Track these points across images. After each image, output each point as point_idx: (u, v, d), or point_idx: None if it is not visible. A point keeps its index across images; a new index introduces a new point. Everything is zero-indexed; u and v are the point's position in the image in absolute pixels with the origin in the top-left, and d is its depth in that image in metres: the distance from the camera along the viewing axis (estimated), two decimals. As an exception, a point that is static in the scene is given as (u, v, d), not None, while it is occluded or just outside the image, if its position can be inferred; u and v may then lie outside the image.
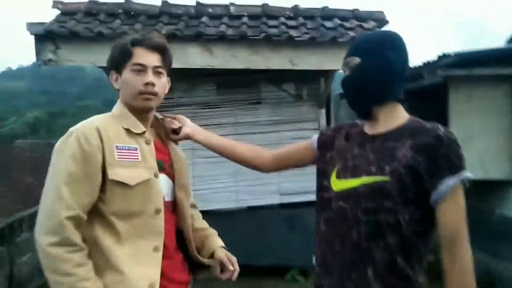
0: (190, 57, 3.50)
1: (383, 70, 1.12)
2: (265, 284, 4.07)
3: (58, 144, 1.16)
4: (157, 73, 1.26)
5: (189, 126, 1.44)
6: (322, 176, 1.22)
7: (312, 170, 1.30)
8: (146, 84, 1.22)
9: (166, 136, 1.39)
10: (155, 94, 1.25)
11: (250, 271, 3.56)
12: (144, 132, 1.25)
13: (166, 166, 1.30)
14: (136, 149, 1.20)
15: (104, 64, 3.40)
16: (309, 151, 1.35)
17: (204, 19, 3.79)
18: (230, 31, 3.59)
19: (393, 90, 1.15)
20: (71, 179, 1.10)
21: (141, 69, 1.23)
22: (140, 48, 1.24)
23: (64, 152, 1.12)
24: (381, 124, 1.16)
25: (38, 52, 3.23)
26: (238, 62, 3.60)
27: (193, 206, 1.50)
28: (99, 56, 3.33)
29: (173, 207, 1.31)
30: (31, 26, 3.32)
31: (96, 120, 1.20)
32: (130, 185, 1.14)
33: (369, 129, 1.19)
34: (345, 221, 1.09)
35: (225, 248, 1.43)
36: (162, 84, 1.29)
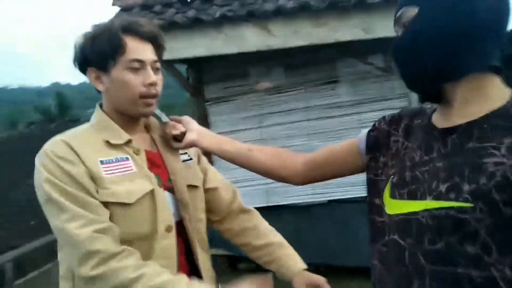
0: (245, 39, 3.15)
1: (459, 22, 0.73)
2: (350, 286, 3.61)
3: (35, 182, 0.94)
4: (155, 70, 1.02)
5: (194, 131, 1.11)
6: (373, 191, 0.89)
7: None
8: (150, 84, 0.98)
9: (166, 143, 1.11)
10: (157, 96, 1.02)
11: (332, 271, 3.17)
12: (129, 141, 1.00)
13: (163, 180, 1.03)
14: (127, 159, 0.98)
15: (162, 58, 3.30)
16: (355, 153, 0.98)
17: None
18: (289, 4, 3.13)
19: (480, 54, 0.73)
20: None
21: (140, 66, 0.97)
22: (132, 38, 0.97)
23: (44, 186, 0.90)
24: (459, 111, 0.76)
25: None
26: (300, 38, 3.13)
27: (244, 211, 1.22)
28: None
29: (180, 229, 1.05)
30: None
31: (63, 135, 0.96)
32: (129, 203, 0.92)
33: (440, 119, 0.80)
34: (402, 264, 0.74)
35: (308, 270, 1.15)
36: (161, 82, 1.04)
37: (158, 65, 1.03)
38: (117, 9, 3.68)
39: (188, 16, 3.20)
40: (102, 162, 0.94)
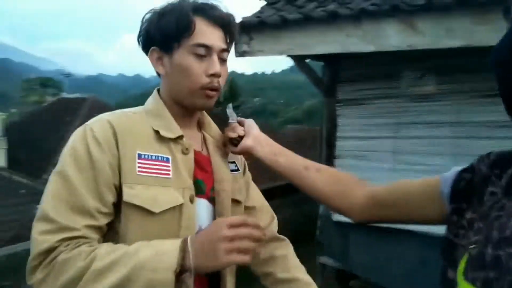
0: (385, 37, 2.78)
1: None
2: None
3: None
4: (221, 60, 0.91)
5: (252, 136, 0.99)
6: (449, 257, 0.67)
7: None
8: (212, 75, 0.88)
9: (223, 145, 1.02)
10: (219, 89, 0.90)
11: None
12: (180, 137, 0.89)
13: (207, 188, 0.93)
14: (167, 160, 0.86)
15: (292, 53, 3.23)
16: (435, 198, 0.76)
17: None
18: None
19: None
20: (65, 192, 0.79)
21: (205, 53, 0.87)
22: (202, 20, 0.88)
23: (65, 157, 0.82)
24: None
25: (235, 44, 3.36)
26: (454, 38, 2.59)
27: (276, 238, 1.09)
28: (286, 45, 3.14)
29: None
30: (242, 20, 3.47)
31: (112, 114, 0.88)
32: (154, 212, 0.81)
33: None
34: None
35: None
36: (227, 74, 0.93)
37: (226, 55, 0.92)
38: (263, 3, 3.75)
39: (326, 10, 3.02)
40: (140, 156, 0.83)
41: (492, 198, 0.63)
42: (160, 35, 0.88)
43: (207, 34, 0.88)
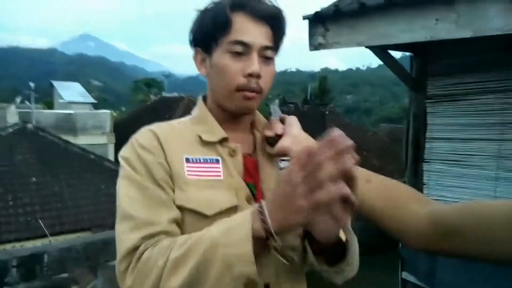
0: (486, 19, 2.32)
1: None
2: None
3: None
4: (264, 58, 0.84)
5: (291, 136, 0.89)
6: None
7: None
8: (249, 75, 0.82)
9: (266, 147, 0.93)
10: (259, 91, 0.84)
11: None
12: (224, 140, 0.86)
13: (258, 192, 0.87)
14: (217, 161, 0.84)
15: (373, 44, 2.93)
16: None
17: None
18: None
19: None
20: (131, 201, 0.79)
21: (243, 50, 0.82)
22: (243, 15, 0.83)
23: (122, 167, 0.83)
24: None
25: (310, 37, 3.16)
26: None
27: None
28: (365, 35, 2.84)
29: None
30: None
31: (156, 124, 0.88)
32: (207, 215, 0.78)
33: None
34: None
35: None
36: (271, 75, 0.86)
37: (270, 53, 0.84)
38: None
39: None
40: (187, 160, 0.82)
41: None
42: (200, 34, 0.86)
43: (246, 30, 0.82)
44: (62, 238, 6.87)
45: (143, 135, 0.84)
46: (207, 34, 0.84)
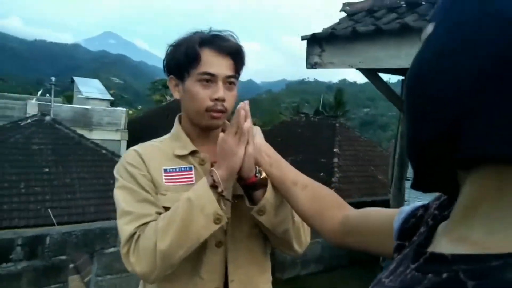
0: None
1: (480, 50, 0.35)
2: None
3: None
4: (228, 84, 1.04)
5: (253, 145, 1.02)
6: None
7: None
8: (216, 99, 1.02)
9: None
10: (224, 111, 1.05)
11: None
12: (194, 152, 1.07)
13: None
14: (190, 169, 1.06)
15: (363, 66, 3.14)
16: (387, 231, 0.72)
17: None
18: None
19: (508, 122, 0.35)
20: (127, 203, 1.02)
21: (211, 79, 1.02)
22: (209, 50, 1.02)
23: (117, 181, 1.06)
24: (475, 232, 0.39)
25: (307, 56, 3.38)
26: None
27: None
28: (356, 58, 3.05)
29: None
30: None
31: (139, 145, 1.11)
32: None
33: (441, 236, 0.46)
34: None
35: None
36: (233, 98, 1.06)
37: (233, 80, 1.04)
38: (343, 14, 3.68)
39: (401, 23, 2.84)
40: (166, 170, 1.04)
41: (417, 239, 0.56)
42: (174, 65, 1.05)
43: (213, 63, 1.01)
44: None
45: (129, 155, 1.06)
46: (180, 66, 1.03)
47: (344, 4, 3.67)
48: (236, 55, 1.03)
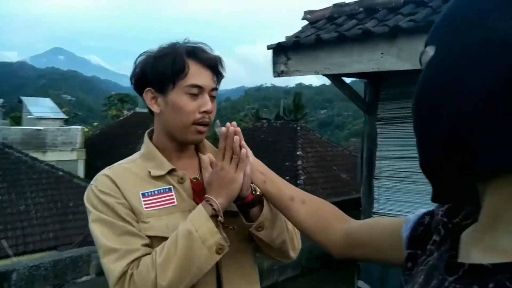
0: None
1: (488, 70, 0.39)
2: None
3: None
4: (211, 97, 1.01)
5: (249, 164, 1.01)
6: None
7: None
8: (204, 112, 0.98)
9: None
10: (209, 124, 1.01)
11: None
12: (172, 170, 1.00)
13: None
14: (170, 190, 0.99)
15: (328, 72, 3.20)
16: (396, 241, 0.72)
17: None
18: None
19: None
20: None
21: (198, 92, 0.98)
22: (195, 63, 0.98)
23: (90, 212, 0.96)
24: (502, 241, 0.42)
25: (273, 65, 3.41)
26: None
27: None
28: (322, 65, 3.11)
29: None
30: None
31: (109, 169, 1.01)
32: (168, 237, 0.92)
33: (469, 242, 0.48)
34: None
35: None
36: (215, 110, 1.03)
37: (215, 93, 1.01)
38: (305, 22, 3.76)
39: (363, 28, 2.94)
40: (144, 194, 0.96)
41: (431, 248, 0.58)
42: (156, 77, 0.97)
43: (199, 75, 0.97)
44: (27, 258, 6.73)
45: (101, 181, 0.97)
46: (164, 77, 0.96)
47: (305, 12, 3.75)
48: (217, 68, 1.02)
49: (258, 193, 0.96)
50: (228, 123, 0.94)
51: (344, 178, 10.69)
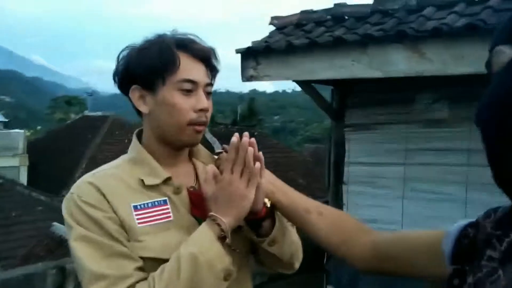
0: (392, 63, 2.72)
1: None
2: None
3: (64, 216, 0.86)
4: (206, 94, 0.90)
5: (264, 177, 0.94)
6: None
7: None
8: (200, 110, 0.87)
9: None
10: (206, 124, 0.90)
11: None
12: (167, 180, 0.88)
13: None
14: (165, 202, 0.87)
15: (299, 78, 3.20)
16: (435, 255, 0.70)
17: (427, 11, 2.86)
18: (458, 23, 2.55)
19: None
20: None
21: (192, 88, 0.86)
22: (186, 55, 0.86)
23: (71, 226, 0.82)
24: None
25: (242, 69, 3.37)
26: (464, 65, 2.51)
27: None
28: (292, 71, 3.12)
29: None
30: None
31: (93, 176, 0.87)
32: (165, 259, 0.80)
33: None
34: None
35: None
36: (211, 107, 0.91)
37: (210, 89, 0.91)
38: (272, 28, 3.76)
39: (333, 36, 2.99)
40: (135, 207, 0.83)
41: (490, 264, 0.56)
42: (142, 72, 0.85)
43: (192, 69, 0.86)
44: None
45: (84, 190, 0.83)
46: (152, 72, 0.85)
47: (272, 18, 3.74)
48: (211, 61, 0.91)
49: (269, 206, 0.90)
50: (236, 133, 0.84)
51: (302, 182, 10.91)
